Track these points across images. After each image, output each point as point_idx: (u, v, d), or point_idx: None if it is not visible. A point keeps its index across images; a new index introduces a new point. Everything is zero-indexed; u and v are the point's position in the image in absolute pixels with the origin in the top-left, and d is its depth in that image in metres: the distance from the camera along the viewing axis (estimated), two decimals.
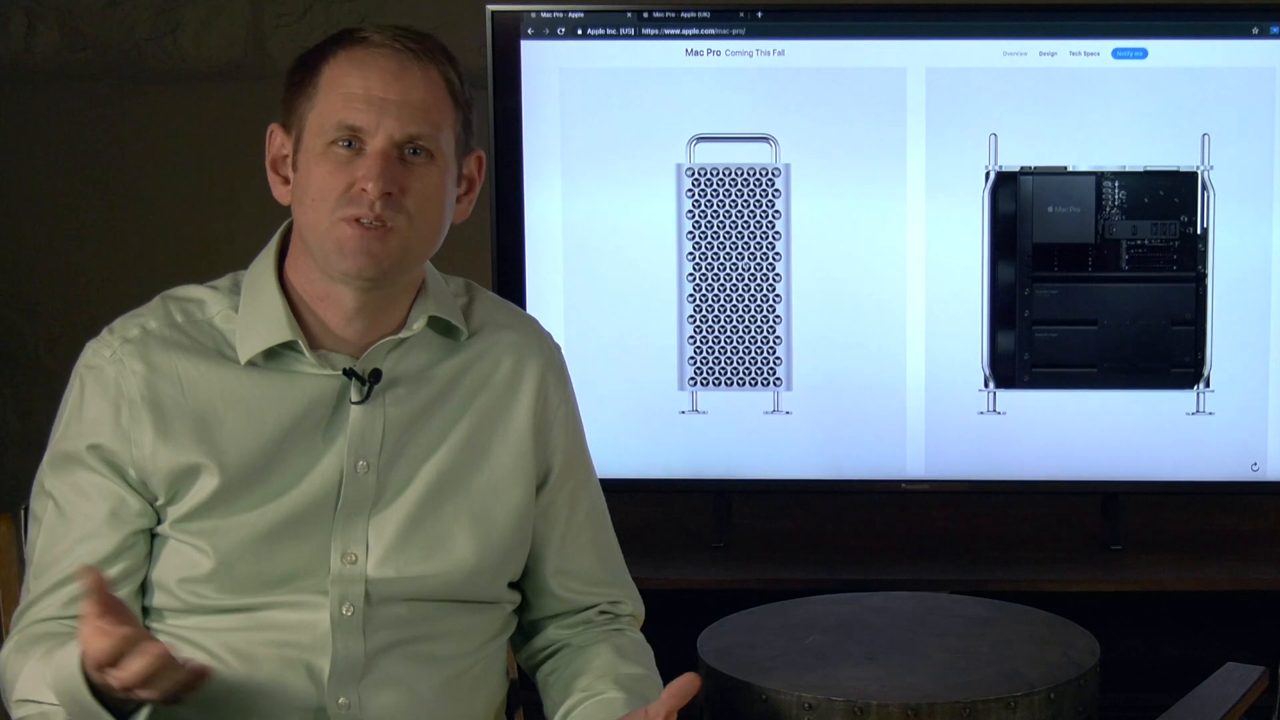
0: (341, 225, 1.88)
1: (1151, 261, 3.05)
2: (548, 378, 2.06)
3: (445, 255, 2.10)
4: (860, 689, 2.25)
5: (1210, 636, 3.13)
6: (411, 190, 1.90)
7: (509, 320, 2.08)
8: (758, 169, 3.05)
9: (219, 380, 1.94)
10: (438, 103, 1.92)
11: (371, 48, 1.90)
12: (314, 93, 1.91)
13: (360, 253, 1.89)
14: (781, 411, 3.10)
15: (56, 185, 3.52)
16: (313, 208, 1.90)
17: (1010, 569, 3.02)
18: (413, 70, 1.90)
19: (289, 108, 1.94)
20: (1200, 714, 2.35)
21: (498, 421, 2.02)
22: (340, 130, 1.88)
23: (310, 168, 1.90)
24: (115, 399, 1.93)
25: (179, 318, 1.97)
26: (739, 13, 3.03)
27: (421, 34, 1.94)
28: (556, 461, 2.07)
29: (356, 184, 1.88)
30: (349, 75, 1.89)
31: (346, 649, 1.94)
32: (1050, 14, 3.04)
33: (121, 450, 1.93)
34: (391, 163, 1.88)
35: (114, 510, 1.93)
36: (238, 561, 1.92)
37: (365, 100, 1.88)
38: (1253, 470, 3.08)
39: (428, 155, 1.91)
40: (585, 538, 2.11)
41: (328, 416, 1.95)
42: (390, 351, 1.98)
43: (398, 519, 1.96)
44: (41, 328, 3.55)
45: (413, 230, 1.91)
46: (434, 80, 1.92)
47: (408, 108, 1.89)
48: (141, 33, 3.48)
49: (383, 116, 1.88)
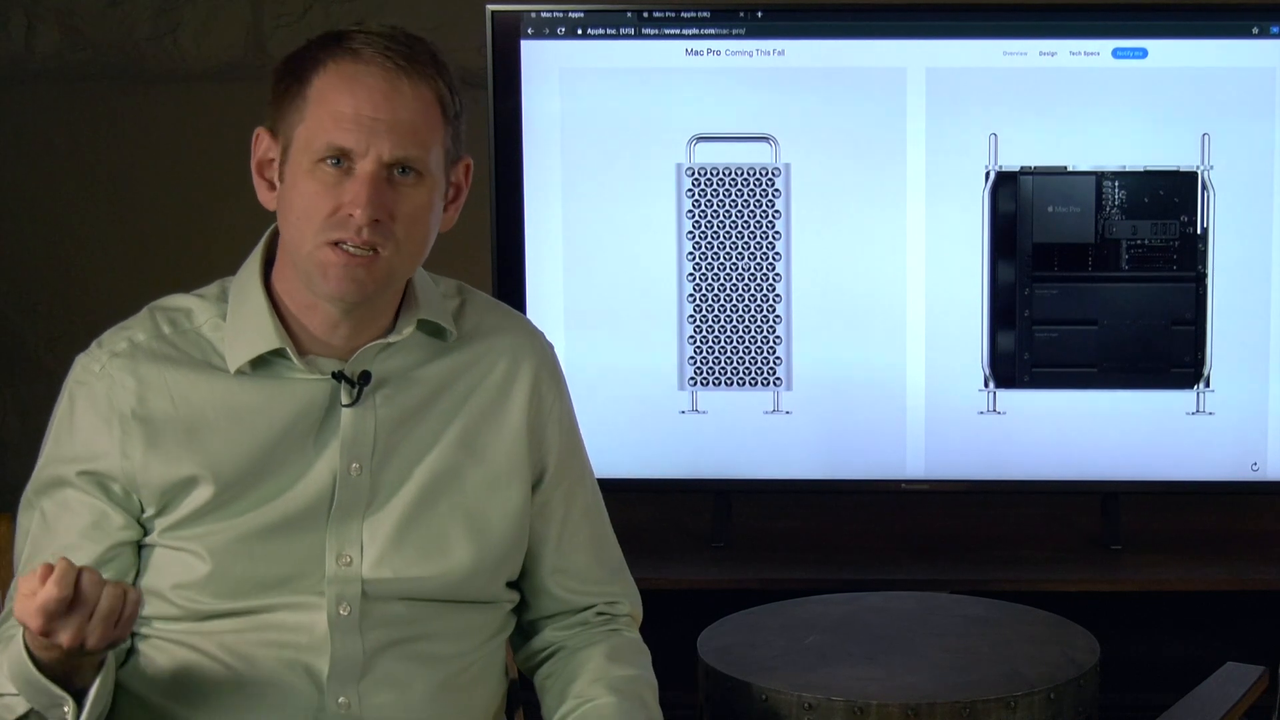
0: (326, 250, 1.87)
1: (1151, 261, 3.05)
2: (541, 377, 2.06)
3: (445, 257, 2.11)
4: (860, 689, 2.25)
5: (1210, 636, 3.13)
6: (400, 214, 1.88)
7: (502, 322, 2.07)
8: (758, 169, 3.05)
9: (209, 390, 1.94)
10: (428, 122, 1.89)
11: (362, 64, 1.87)
12: (303, 105, 1.88)
13: (345, 279, 1.88)
14: (781, 411, 3.10)
15: (56, 185, 3.52)
16: (298, 226, 1.89)
17: (1010, 569, 3.02)
18: (403, 89, 1.87)
19: (276, 114, 1.91)
20: (1200, 714, 2.35)
21: (492, 422, 2.02)
22: (329, 150, 1.86)
23: (297, 183, 1.88)
24: (106, 414, 1.93)
25: (166, 329, 1.97)
26: (739, 13, 3.03)
27: (413, 40, 1.91)
28: (551, 460, 2.07)
29: (344, 208, 1.86)
30: (339, 93, 1.86)
31: (344, 649, 1.93)
32: (1050, 14, 3.04)
33: (113, 465, 1.92)
34: (380, 186, 1.86)
35: (96, 522, 1.93)
36: (233, 565, 1.92)
37: (355, 121, 1.85)
38: (1253, 470, 3.08)
39: (417, 175, 1.89)
40: (582, 536, 2.10)
41: (319, 421, 1.95)
42: (378, 354, 1.98)
43: (392, 520, 1.96)
44: (41, 328, 3.55)
45: (399, 253, 1.89)
46: (425, 99, 1.89)
47: (398, 129, 1.86)
48: (141, 33, 3.48)
49: (372, 138, 1.85)
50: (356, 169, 1.86)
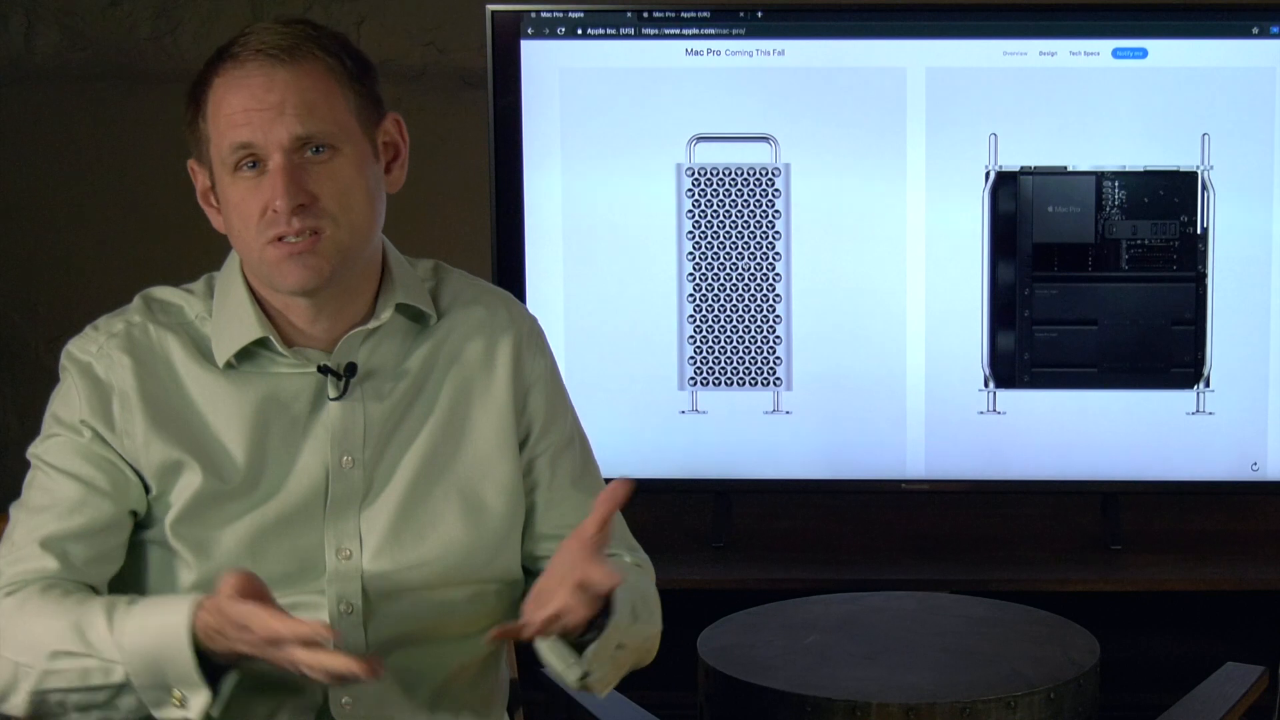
0: (269, 249, 1.88)
1: (1151, 261, 3.05)
2: (521, 347, 2.05)
3: (445, 257, 2.10)
4: (860, 689, 2.25)
5: (1210, 636, 3.13)
6: (324, 192, 1.88)
7: (477, 296, 2.07)
8: (758, 169, 3.05)
9: (199, 383, 1.95)
10: (323, 94, 1.89)
11: (240, 66, 1.89)
12: (205, 124, 1.91)
13: (296, 269, 1.88)
14: (781, 411, 3.10)
15: (56, 185, 3.52)
16: (240, 236, 1.91)
17: (1010, 569, 3.02)
18: (280, 75, 1.88)
19: (193, 143, 1.94)
20: (1200, 714, 2.35)
21: (475, 397, 2.02)
22: (236, 152, 1.88)
23: (227, 197, 1.91)
24: (106, 392, 1.93)
25: (161, 317, 1.99)
26: (739, 13, 3.03)
27: (291, 24, 1.92)
28: (537, 422, 2.06)
29: (268, 205, 1.87)
30: (227, 98, 1.88)
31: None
32: (1050, 14, 3.04)
33: (114, 441, 1.93)
34: (294, 173, 1.87)
35: (104, 470, 1.92)
36: (230, 567, 1.92)
37: (245, 116, 1.87)
38: (1253, 470, 3.08)
39: (331, 149, 1.89)
40: (571, 502, 2.07)
41: (307, 414, 1.95)
42: (363, 343, 1.98)
43: (388, 510, 1.96)
44: (41, 328, 3.55)
45: (341, 228, 1.89)
46: (309, 73, 1.89)
47: (289, 111, 1.87)
48: (141, 33, 3.48)
49: (268, 127, 1.87)
50: (270, 165, 1.88)
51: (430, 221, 3.33)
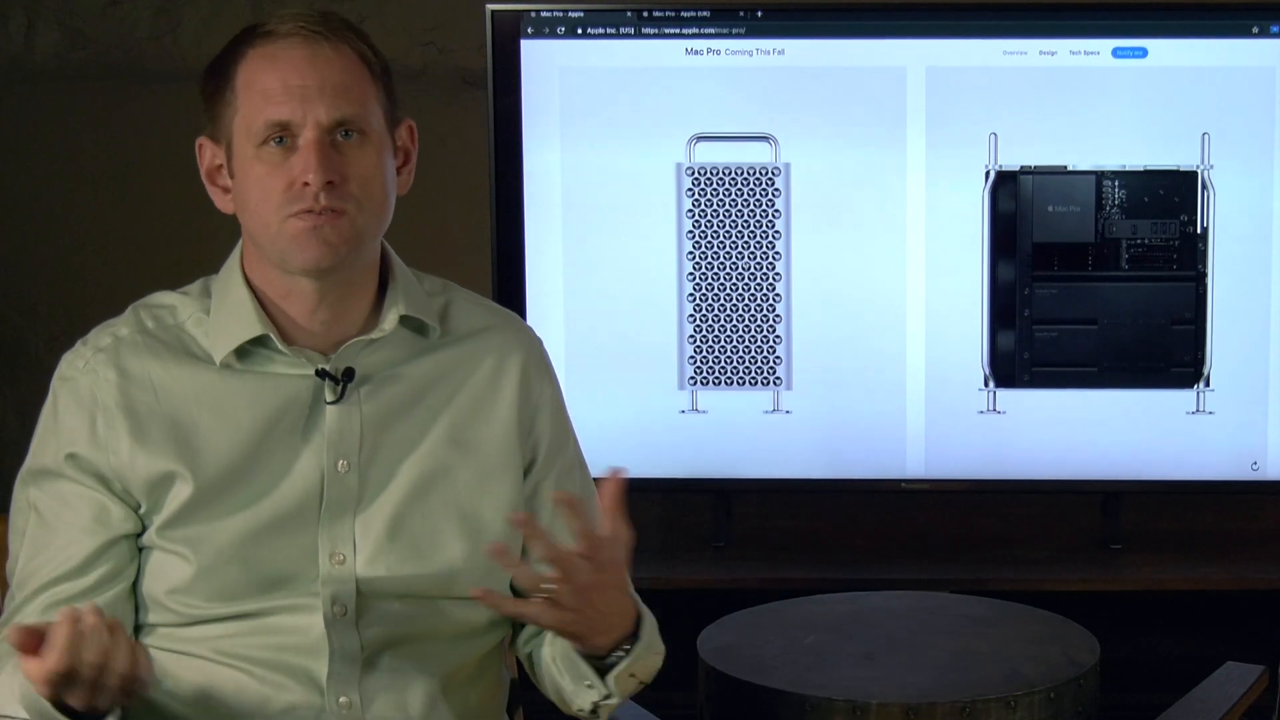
0: (290, 222, 1.87)
1: (1151, 261, 3.05)
2: (529, 369, 2.05)
3: (445, 257, 2.11)
4: (860, 689, 2.25)
5: (1210, 636, 3.13)
6: (352, 175, 1.88)
7: (489, 320, 2.07)
8: (758, 169, 3.05)
9: (192, 384, 1.94)
10: (358, 80, 1.90)
11: (279, 39, 1.88)
12: (233, 98, 1.89)
13: (314, 244, 1.87)
14: (781, 411, 3.10)
15: (56, 185, 3.52)
16: (258, 212, 1.90)
17: (1010, 569, 3.02)
18: (325, 52, 1.88)
19: (212, 117, 1.93)
20: (1200, 714, 2.35)
21: (481, 417, 2.01)
22: (269, 129, 1.87)
23: (247, 173, 1.89)
24: (90, 409, 1.93)
25: (150, 324, 1.97)
26: (739, 12, 3.03)
27: (325, 13, 1.93)
28: (542, 447, 2.06)
29: (296, 180, 1.86)
30: (263, 72, 1.88)
31: (343, 649, 1.93)
32: (1050, 14, 3.05)
33: (100, 460, 1.92)
34: (326, 151, 1.87)
35: (96, 516, 1.92)
36: (224, 567, 1.91)
37: (285, 93, 1.86)
38: (1253, 470, 3.08)
39: (360, 135, 1.89)
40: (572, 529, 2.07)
41: (304, 417, 1.95)
42: (362, 350, 1.97)
43: (383, 517, 1.96)
44: (41, 328, 3.55)
45: (362, 213, 1.89)
46: (348, 57, 1.90)
47: (329, 91, 1.87)
48: (141, 33, 3.48)
49: (307, 105, 1.86)
50: (300, 141, 1.87)
51: (430, 221, 3.32)
